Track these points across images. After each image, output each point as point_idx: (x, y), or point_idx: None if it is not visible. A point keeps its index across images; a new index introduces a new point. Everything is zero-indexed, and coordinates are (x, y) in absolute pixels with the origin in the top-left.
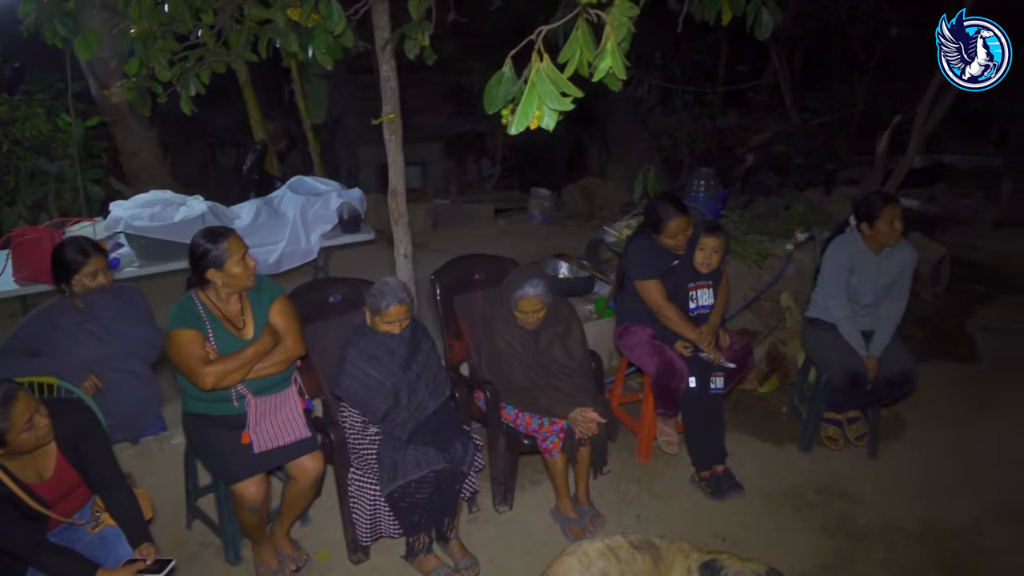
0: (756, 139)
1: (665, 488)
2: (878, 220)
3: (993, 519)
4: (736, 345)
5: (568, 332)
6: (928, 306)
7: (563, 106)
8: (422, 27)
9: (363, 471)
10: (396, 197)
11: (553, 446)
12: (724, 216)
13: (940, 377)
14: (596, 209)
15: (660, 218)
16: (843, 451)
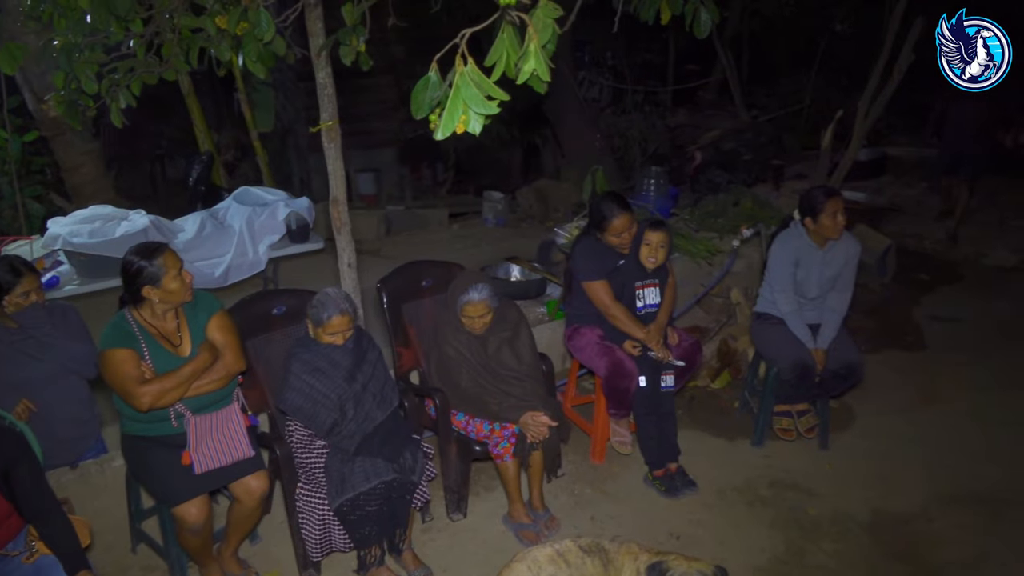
0: (706, 137)
1: (619, 489)
2: (821, 214)
3: (941, 505)
4: (685, 343)
5: (516, 336)
6: (876, 296)
7: (489, 110)
8: (357, 32)
9: (311, 486)
10: (337, 206)
11: (504, 451)
12: (675, 214)
13: (888, 366)
14: (550, 211)
15: (604, 216)
16: (794, 443)
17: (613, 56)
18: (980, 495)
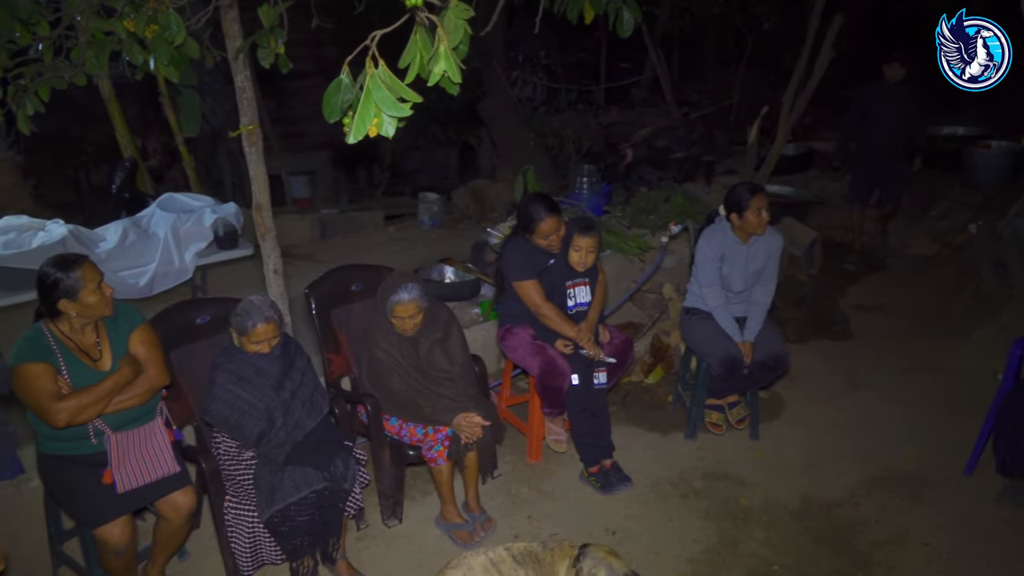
0: (638, 134)
1: (556, 487)
2: (747, 210)
3: (867, 489)
4: (616, 340)
5: (448, 337)
6: (804, 287)
7: (401, 112)
8: (275, 34)
9: (240, 498)
10: (261, 211)
11: (438, 455)
12: (607, 211)
13: (816, 355)
14: (486, 211)
15: (532, 219)
16: (726, 435)
17: (547, 55)
18: (902, 476)
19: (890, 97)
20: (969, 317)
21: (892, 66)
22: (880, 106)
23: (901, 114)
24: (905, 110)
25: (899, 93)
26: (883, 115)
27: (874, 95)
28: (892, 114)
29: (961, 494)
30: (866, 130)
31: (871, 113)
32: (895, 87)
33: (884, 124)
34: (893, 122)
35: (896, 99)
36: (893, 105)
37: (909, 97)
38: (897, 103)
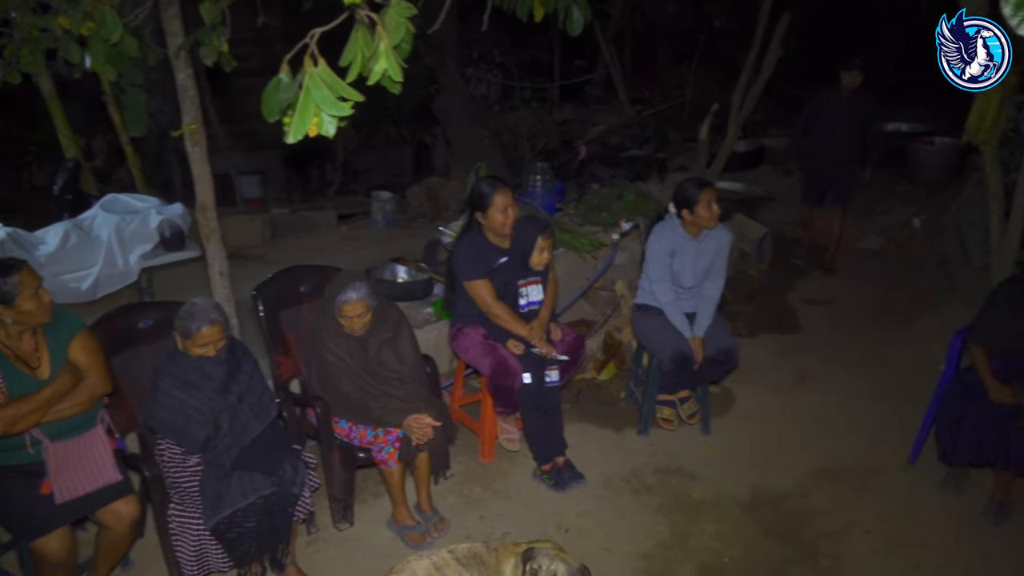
0: (592, 132)
1: (509, 486)
2: (696, 205)
3: (815, 480)
4: (568, 338)
5: (398, 337)
6: (754, 282)
7: (341, 111)
8: (217, 32)
9: (185, 505)
10: (205, 212)
11: (389, 456)
12: (560, 209)
13: (766, 349)
14: (441, 209)
15: (484, 194)
16: (678, 430)
17: (501, 53)
18: (849, 467)
19: (844, 104)
20: (913, 309)
21: (851, 73)
22: (834, 112)
23: (855, 121)
24: (859, 118)
25: (855, 101)
26: (836, 122)
27: (829, 100)
28: (846, 121)
29: (904, 483)
30: (818, 134)
31: (824, 118)
32: (851, 94)
33: (837, 130)
34: (846, 129)
35: (850, 107)
36: (847, 112)
37: (865, 106)
38: (851, 111)
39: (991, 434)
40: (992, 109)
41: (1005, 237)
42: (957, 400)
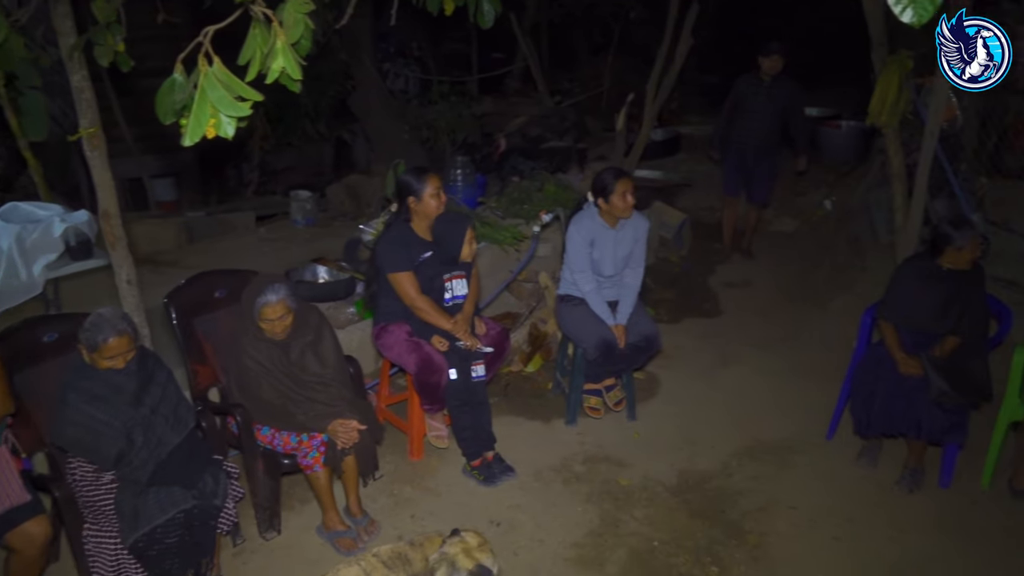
0: (512, 124)
1: (439, 483)
2: (612, 195)
3: (738, 460)
4: (492, 331)
5: (320, 340)
6: (674, 268)
7: (240, 112)
8: (112, 31)
9: (100, 525)
10: (109, 219)
11: (314, 461)
12: (482, 202)
13: (689, 333)
14: (363, 206)
15: (415, 180)
16: (605, 418)
17: (418, 47)
18: (770, 445)
19: (765, 91)
20: (827, 289)
21: (771, 59)
22: (754, 100)
23: (774, 109)
24: (780, 105)
25: (776, 87)
26: (756, 109)
27: (748, 88)
28: (764, 108)
29: (823, 458)
30: (739, 123)
31: (745, 106)
32: (772, 81)
33: (756, 119)
34: (765, 117)
35: (771, 93)
36: (766, 100)
37: (787, 92)
38: (771, 98)
39: (902, 406)
40: (892, 93)
41: (909, 216)
42: (869, 375)
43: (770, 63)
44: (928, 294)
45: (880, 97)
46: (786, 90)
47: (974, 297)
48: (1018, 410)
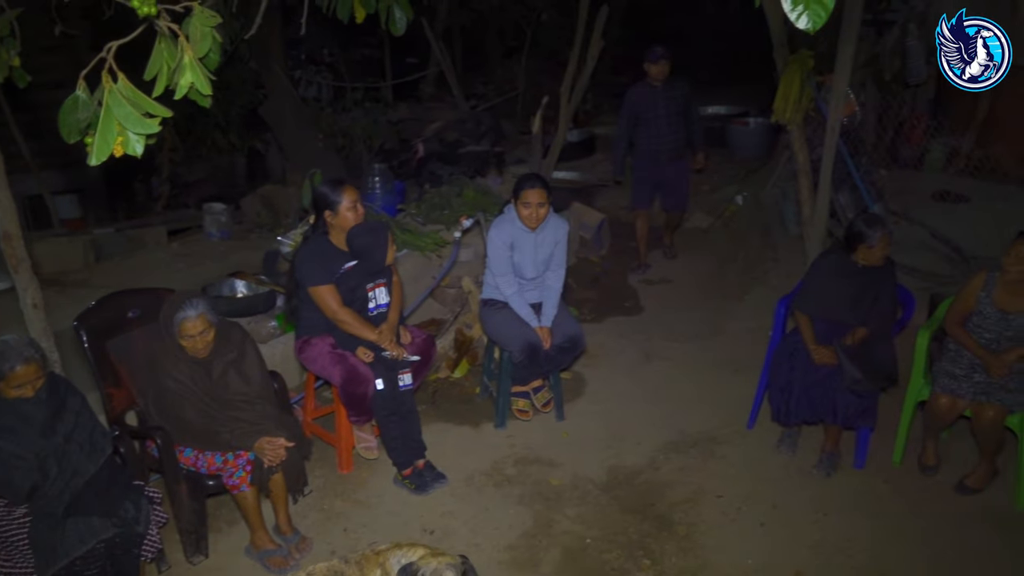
0: (429, 129)
1: (370, 495)
2: (518, 202)
3: (665, 454)
4: (417, 339)
5: (243, 357)
6: (595, 268)
7: (148, 128)
8: (7, 46)
9: (14, 561)
10: (9, 241)
11: (241, 480)
12: (401, 209)
13: (613, 332)
14: (280, 217)
15: (331, 193)
16: (534, 420)
17: (330, 54)
18: (695, 437)
19: (659, 97)
20: (742, 282)
21: (657, 65)
22: (650, 108)
23: (675, 112)
24: (680, 106)
25: (669, 91)
26: (655, 118)
27: (643, 97)
28: (663, 115)
29: (746, 447)
30: (643, 134)
31: (645, 116)
32: (665, 85)
33: (660, 125)
34: (665, 124)
35: (666, 98)
36: (664, 105)
37: (681, 93)
38: (667, 102)
39: (818, 393)
40: (795, 91)
41: (815, 208)
42: (785, 364)
43: (657, 69)
44: (842, 288)
45: (783, 95)
46: (681, 91)
47: (884, 290)
48: (923, 390)
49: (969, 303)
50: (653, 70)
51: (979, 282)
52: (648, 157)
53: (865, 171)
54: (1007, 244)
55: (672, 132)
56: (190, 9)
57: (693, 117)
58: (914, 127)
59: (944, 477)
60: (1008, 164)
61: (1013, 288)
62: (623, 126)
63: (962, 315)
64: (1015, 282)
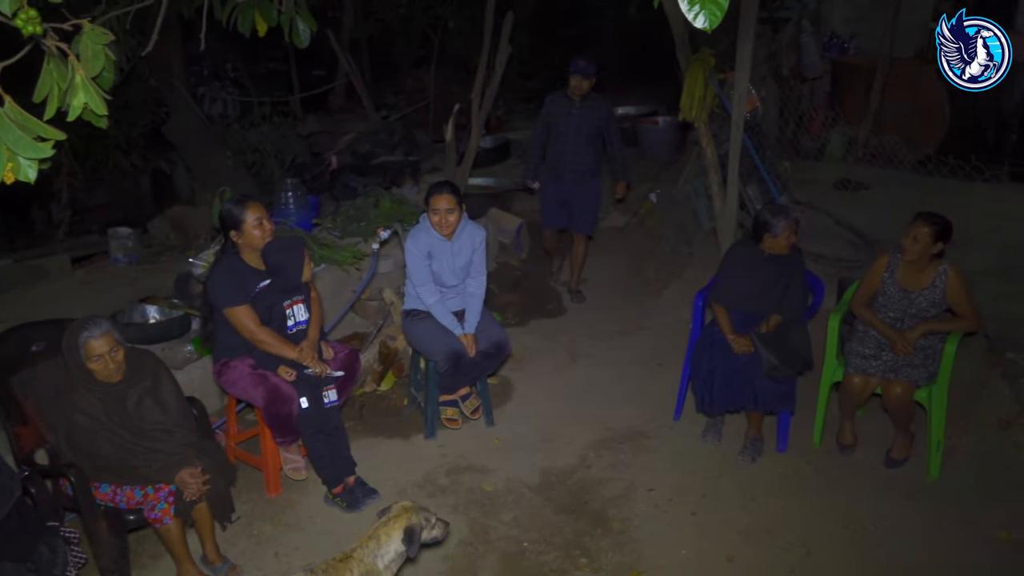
0: (341, 141)
1: (300, 516)
2: (428, 210)
3: (596, 451)
4: (340, 354)
5: (157, 384)
6: (516, 272)
7: (41, 153)
8: None
9: None
10: None
11: (163, 513)
12: (317, 223)
13: (537, 334)
14: (190, 239)
15: (235, 212)
16: (464, 428)
17: (234, 68)
18: (624, 433)
19: (573, 112)
20: (660, 277)
21: (574, 78)
22: (565, 121)
23: (587, 130)
24: (593, 126)
25: (584, 109)
26: (564, 133)
27: (558, 108)
28: (573, 132)
29: (673, 439)
30: (554, 146)
31: (554, 129)
32: (581, 101)
33: (564, 143)
34: (573, 141)
35: (579, 115)
36: (576, 123)
37: (599, 115)
38: (580, 120)
39: (738, 381)
40: (699, 89)
41: (725, 202)
42: (705, 355)
43: (575, 83)
44: (753, 277)
45: (688, 93)
46: (598, 111)
47: (794, 278)
48: (837, 371)
49: (874, 284)
50: (572, 82)
51: (882, 264)
52: (552, 173)
53: (770, 163)
54: (905, 227)
55: (579, 152)
56: (79, 27)
57: (614, 143)
58: (813, 119)
59: (862, 454)
60: (901, 151)
61: (913, 268)
62: (537, 132)
63: (868, 296)
64: (914, 262)
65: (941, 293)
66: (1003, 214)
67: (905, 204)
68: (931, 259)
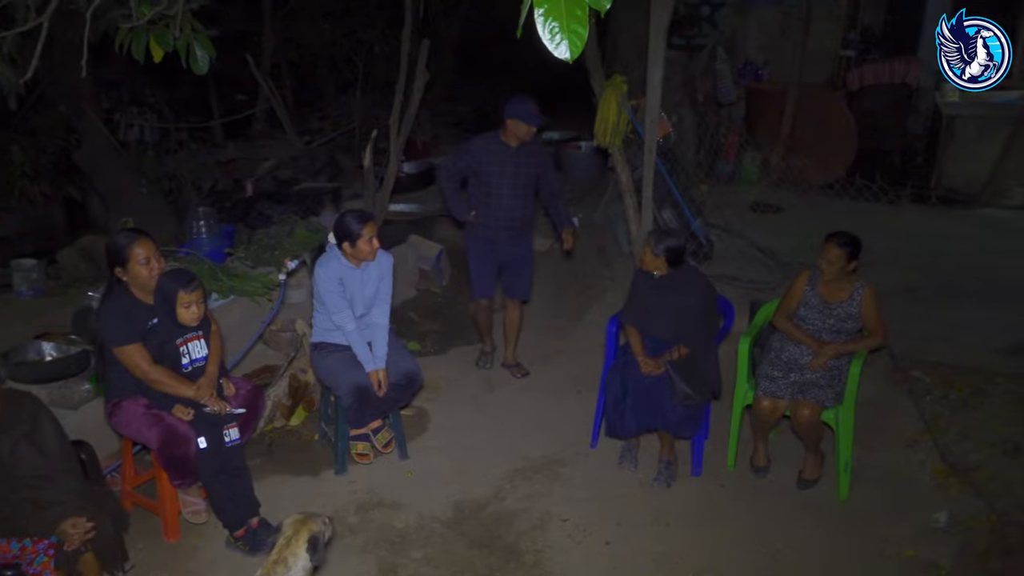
0: (262, 168)
1: (200, 563)
2: (359, 239)
3: (510, 482)
4: (242, 390)
5: (36, 428)
6: (438, 299)
7: None
8: None
9: None
10: None
11: (43, 567)
12: (230, 253)
13: (456, 363)
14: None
15: (120, 248)
16: (376, 462)
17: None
18: (539, 462)
19: (508, 161)
20: (581, 302)
21: (515, 122)
22: (495, 172)
23: (521, 184)
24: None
25: (522, 156)
26: (499, 185)
27: (488, 154)
28: (509, 184)
29: (589, 466)
30: (482, 201)
31: (487, 180)
32: (519, 148)
33: (499, 198)
34: (510, 194)
35: (516, 163)
36: (512, 172)
37: (536, 160)
38: (517, 168)
39: (646, 402)
40: (612, 114)
41: (640, 226)
42: (618, 377)
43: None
44: (655, 302)
45: (602, 119)
46: (537, 157)
47: (696, 305)
48: (748, 394)
49: (796, 297)
50: (509, 126)
51: (804, 278)
52: (483, 235)
53: (684, 188)
54: (817, 248)
55: (515, 207)
56: None
57: (552, 189)
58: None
59: (776, 476)
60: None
61: (831, 283)
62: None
63: (790, 310)
64: (833, 281)
65: (858, 307)
66: (906, 235)
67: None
68: (848, 275)
